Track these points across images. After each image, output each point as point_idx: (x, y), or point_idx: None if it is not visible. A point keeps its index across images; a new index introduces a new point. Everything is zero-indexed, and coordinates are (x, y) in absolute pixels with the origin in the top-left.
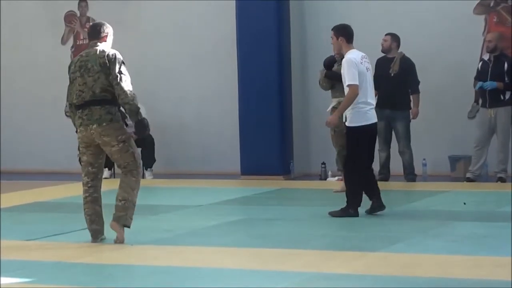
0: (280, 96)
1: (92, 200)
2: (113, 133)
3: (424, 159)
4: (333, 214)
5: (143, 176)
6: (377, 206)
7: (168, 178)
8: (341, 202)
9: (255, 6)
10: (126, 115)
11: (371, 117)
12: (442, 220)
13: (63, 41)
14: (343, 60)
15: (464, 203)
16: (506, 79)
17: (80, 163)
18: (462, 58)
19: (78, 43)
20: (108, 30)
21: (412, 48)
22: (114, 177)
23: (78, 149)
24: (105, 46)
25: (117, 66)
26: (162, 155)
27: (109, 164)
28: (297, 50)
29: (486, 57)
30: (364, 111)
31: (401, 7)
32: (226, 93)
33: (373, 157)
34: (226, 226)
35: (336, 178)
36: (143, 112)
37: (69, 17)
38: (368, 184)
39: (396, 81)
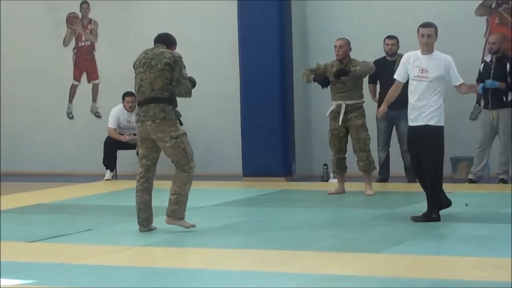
0: (282, 97)
1: (142, 189)
2: (166, 129)
3: None
4: (415, 219)
5: None
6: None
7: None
8: (342, 203)
9: (257, 7)
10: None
11: None
12: (444, 221)
13: (65, 43)
14: (450, 58)
15: (466, 205)
16: (508, 80)
17: (138, 155)
18: (464, 59)
19: (79, 44)
20: (176, 42)
21: (413, 49)
22: (116, 179)
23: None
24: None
25: (179, 70)
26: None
27: (111, 166)
28: (299, 51)
29: (488, 58)
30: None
31: (402, 8)
32: (228, 95)
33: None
34: (228, 228)
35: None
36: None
37: (71, 19)
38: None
39: None
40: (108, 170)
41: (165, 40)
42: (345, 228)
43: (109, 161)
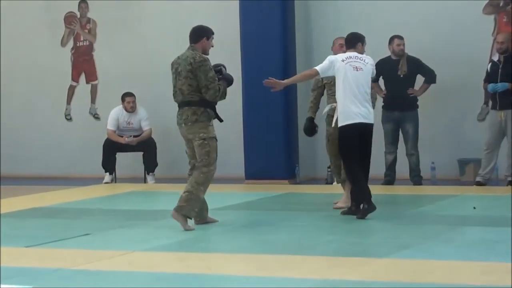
0: (285, 98)
1: None
2: (196, 131)
3: (432, 163)
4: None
5: (145, 181)
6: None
7: (171, 182)
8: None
9: (259, 6)
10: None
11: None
12: (451, 225)
13: (63, 43)
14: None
15: (474, 208)
16: None
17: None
18: (471, 59)
19: (78, 44)
20: (206, 34)
21: (420, 49)
22: (116, 182)
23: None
24: (198, 52)
25: (204, 75)
26: (164, 159)
27: (111, 169)
28: (302, 51)
29: (495, 58)
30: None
31: (408, 7)
32: (230, 96)
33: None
34: (231, 232)
35: None
36: (145, 115)
37: (69, 19)
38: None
39: (405, 82)
40: (107, 173)
41: (192, 37)
42: (350, 232)
43: (108, 164)
